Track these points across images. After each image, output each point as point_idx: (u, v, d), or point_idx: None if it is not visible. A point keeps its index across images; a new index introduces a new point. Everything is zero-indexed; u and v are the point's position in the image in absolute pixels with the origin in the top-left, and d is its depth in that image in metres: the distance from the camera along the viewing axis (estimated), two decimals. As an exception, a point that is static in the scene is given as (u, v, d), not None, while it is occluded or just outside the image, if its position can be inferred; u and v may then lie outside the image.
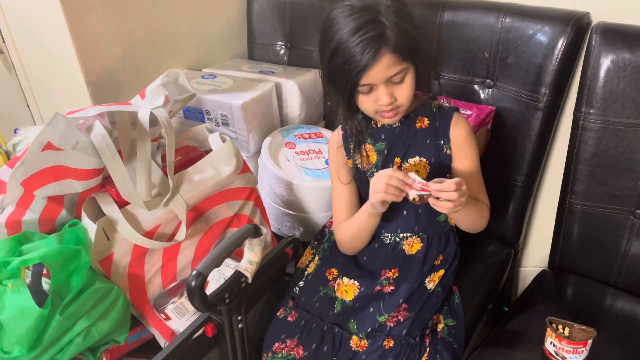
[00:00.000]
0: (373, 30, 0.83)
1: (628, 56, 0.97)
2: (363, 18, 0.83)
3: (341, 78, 0.87)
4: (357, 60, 0.83)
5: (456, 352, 0.97)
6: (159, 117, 0.93)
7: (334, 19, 0.86)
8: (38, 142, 0.81)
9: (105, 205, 0.90)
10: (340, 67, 0.85)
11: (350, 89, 0.88)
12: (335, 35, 0.85)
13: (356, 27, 0.83)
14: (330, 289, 1.01)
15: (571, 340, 0.89)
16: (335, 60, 0.86)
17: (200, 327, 0.86)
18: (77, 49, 1.18)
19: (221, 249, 0.80)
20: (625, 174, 1.03)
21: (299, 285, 1.04)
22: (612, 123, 1.01)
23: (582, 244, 1.13)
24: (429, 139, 0.98)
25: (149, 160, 0.91)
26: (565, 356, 0.91)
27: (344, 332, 0.96)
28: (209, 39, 1.54)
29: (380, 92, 0.88)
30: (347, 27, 0.83)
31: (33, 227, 0.89)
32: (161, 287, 0.99)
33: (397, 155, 0.99)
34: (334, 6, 0.87)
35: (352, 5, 0.85)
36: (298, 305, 1.00)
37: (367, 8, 0.84)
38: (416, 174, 0.86)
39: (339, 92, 0.90)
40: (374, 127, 1.00)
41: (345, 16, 0.84)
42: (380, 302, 0.97)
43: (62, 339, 0.83)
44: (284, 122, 1.47)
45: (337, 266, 1.03)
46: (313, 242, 1.14)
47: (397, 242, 1.02)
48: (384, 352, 0.93)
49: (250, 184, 1.07)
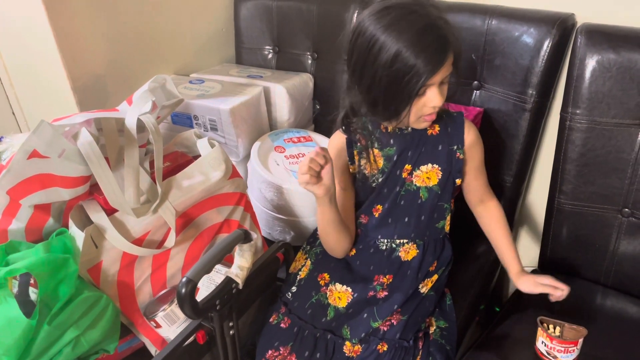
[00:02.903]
0: (437, 30, 0.81)
1: (613, 57, 0.98)
2: (423, 20, 0.81)
3: (405, 82, 0.81)
4: (428, 62, 0.80)
5: (449, 354, 0.97)
6: (147, 123, 0.92)
7: (386, 24, 0.81)
8: (23, 150, 0.80)
9: (93, 213, 0.89)
10: (405, 71, 0.80)
11: (416, 92, 0.83)
12: (393, 40, 0.80)
13: (421, 29, 0.80)
14: (322, 295, 1.00)
15: (562, 340, 0.90)
16: (397, 65, 0.80)
17: (192, 334, 0.85)
18: (62, 55, 1.17)
19: (211, 255, 0.79)
20: (612, 173, 1.04)
21: (291, 291, 1.03)
22: (599, 123, 1.02)
23: (572, 244, 1.14)
24: (440, 145, 0.97)
25: (137, 167, 0.90)
26: (556, 355, 0.91)
27: (336, 339, 0.96)
28: (197, 44, 1.53)
29: (434, 93, 0.85)
30: (408, 29, 0.80)
31: (20, 237, 0.88)
32: (151, 294, 0.98)
33: (408, 162, 0.97)
34: (368, 13, 0.84)
35: (398, 6, 0.82)
36: (291, 312, 0.99)
37: (414, 10, 0.82)
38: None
39: (396, 97, 0.84)
40: (383, 131, 0.97)
41: (398, 20, 0.81)
42: (374, 308, 0.97)
43: (50, 349, 0.82)
44: (273, 126, 1.46)
45: (329, 270, 1.03)
46: (305, 246, 1.13)
47: (393, 248, 1.01)
48: (378, 356, 0.92)
49: (239, 189, 1.06)
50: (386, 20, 0.81)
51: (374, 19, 0.83)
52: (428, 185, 0.99)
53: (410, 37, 0.79)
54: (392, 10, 0.82)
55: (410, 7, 0.82)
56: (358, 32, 0.84)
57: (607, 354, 0.94)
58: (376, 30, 0.82)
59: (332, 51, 1.44)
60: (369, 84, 0.85)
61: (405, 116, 0.87)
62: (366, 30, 0.83)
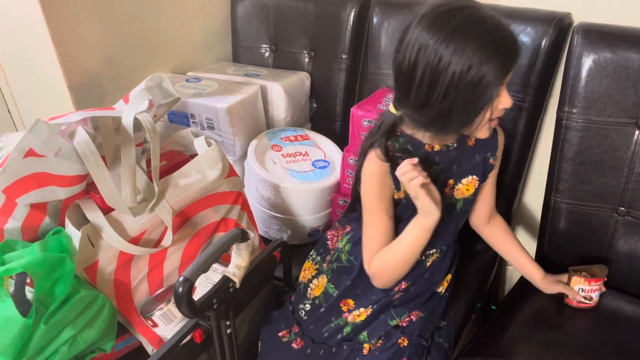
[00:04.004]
0: (503, 28, 0.77)
1: (609, 56, 0.98)
2: (486, 19, 0.76)
3: (483, 87, 0.76)
4: (502, 62, 0.75)
5: (446, 352, 0.97)
6: (143, 121, 0.92)
7: (450, 31, 0.74)
8: (19, 149, 0.79)
9: (89, 212, 0.89)
10: (482, 74, 0.74)
11: (492, 96, 0.78)
12: (464, 46, 0.73)
13: (489, 29, 0.75)
14: (342, 320, 0.97)
15: (598, 278, 1.02)
16: (472, 71, 0.74)
17: (189, 333, 0.85)
18: (58, 53, 1.16)
19: (208, 254, 0.79)
20: (608, 172, 1.04)
21: (305, 308, 1.00)
22: (595, 122, 1.02)
23: (568, 242, 1.14)
24: (477, 154, 0.94)
25: (133, 166, 0.90)
26: (592, 297, 1.03)
27: (354, 344, 0.95)
28: (193, 42, 1.53)
29: (505, 94, 0.80)
30: (477, 32, 0.74)
31: (16, 235, 0.88)
32: (148, 293, 0.98)
33: (450, 177, 0.93)
34: (425, 24, 0.76)
35: (454, 9, 0.76)
36: (304, 334, 0.97)
37: (473, 12, 0.76)
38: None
39: (472, 104, 0.78)
40: (428, 150, 0.90)
41: (462, 24, 0.75)
42: (392, 310, 0.96)
43: (47, 349, 0.82)
44: (269, 124, 1.46)
45: (354, 297, 0.97)
46: (315, 256, 1.05)
47: (422, 260, 0.96)
48: (398, 350, 0.92)
49: (236, 187, 1.06)
50: (449, 27, 0.75)
51: (434, 29, 0.75)
52: (466, 196, 0.96)
53: (482, 40, 0.74)
54: (450, 15, 0.76)
55: (467, 9, 0.77)
56: (419, 46, 0.76)
57: (602, 353, 0.95)
58: (441, 40, 0.74)
59: (329, 50, 1.44)
60: (440, 96, 0.77)
61: (479, 122, 0.82)
62: (428, 43, 0.75)
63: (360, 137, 1.20)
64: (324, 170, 1.30)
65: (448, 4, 0.77)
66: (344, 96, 1.46)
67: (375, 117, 1.15)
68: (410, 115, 0.85)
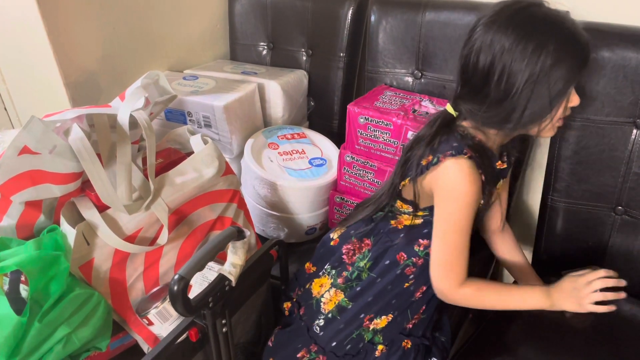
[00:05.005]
0: (574, 24, 0.79)
1: (607, 55, 0.98)
2: (558, 15, 0.79)
3: (565, 83, 0.79)
4: (579, 59, 0.79)
5: (446, 348, 0.97)
6: (139, 119, 0.92)
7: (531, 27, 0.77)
8: (14, 146, 0.79)
9: (84, 210, 0.88)
10: (566, 69, 0.77)
11: (567, 93, 0.81)
12: (546, 43, 0.76)
13: (566, 25, 0.78)
14: (364, 330, 0.95)
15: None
16: (557, 67, 0.77)
17: (184, 331, 0.84)
18: (54, 50, 1.16)
19: (204, 252, 0.79)
20: (606, 171, 1.04)
21: (319, 324, 0.96)
22: (593, 121, 1.02)
23: (565, 241, 1.14)
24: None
25: (129, 163, 0.89)
26: None
27: (369, 345, 0.94)
28: (191, 40, 1.52)
29: (574, 93, 0.83)
30: (555, 29, 0.77)
31: (10, 233, 0.88)
32: (143, 292, 0.97)
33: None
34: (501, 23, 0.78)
35: (528, 5, 0.79)
36: (325, 350, 0.95)
37: (548, 8, 0.79)
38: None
39: (548, 101, 0.80)
40: (499, 167, 0.94)
41: (540, 20, 0.78)
42: (408, 311, 0.95)
43: (41, 347, 0.81)
44: (267, 123, 1.46)
45: (376, 311, 0.95)
46: (329, 269, 1.00)
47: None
48: (403, 354, 0.92)
49: (233, 186, 1.06)
50: (528, 25, 0.77)
51: (513, 27, 0.77)
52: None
53: (562, 38, 0.76)
54: (527, 13, 0.78)
55: (538, 7, 0.79)
56: (496, 44, 0.78)
57: (599, 352, 0.95)
58: (521, 37, 0.76)
59: (326, 48, 1.44)
60: (518, 93, 0.78)
61: (549, 120, 0.83)
62: (506, 42, 0.77)
63: (357, 134, 1.20)
64: (321, 168, 1.30)
65: (520, 2, 0.79)
66: (341, 94, 1.46)
67: (372, 114, 1.15)
68: (480, 114, 0.84)
